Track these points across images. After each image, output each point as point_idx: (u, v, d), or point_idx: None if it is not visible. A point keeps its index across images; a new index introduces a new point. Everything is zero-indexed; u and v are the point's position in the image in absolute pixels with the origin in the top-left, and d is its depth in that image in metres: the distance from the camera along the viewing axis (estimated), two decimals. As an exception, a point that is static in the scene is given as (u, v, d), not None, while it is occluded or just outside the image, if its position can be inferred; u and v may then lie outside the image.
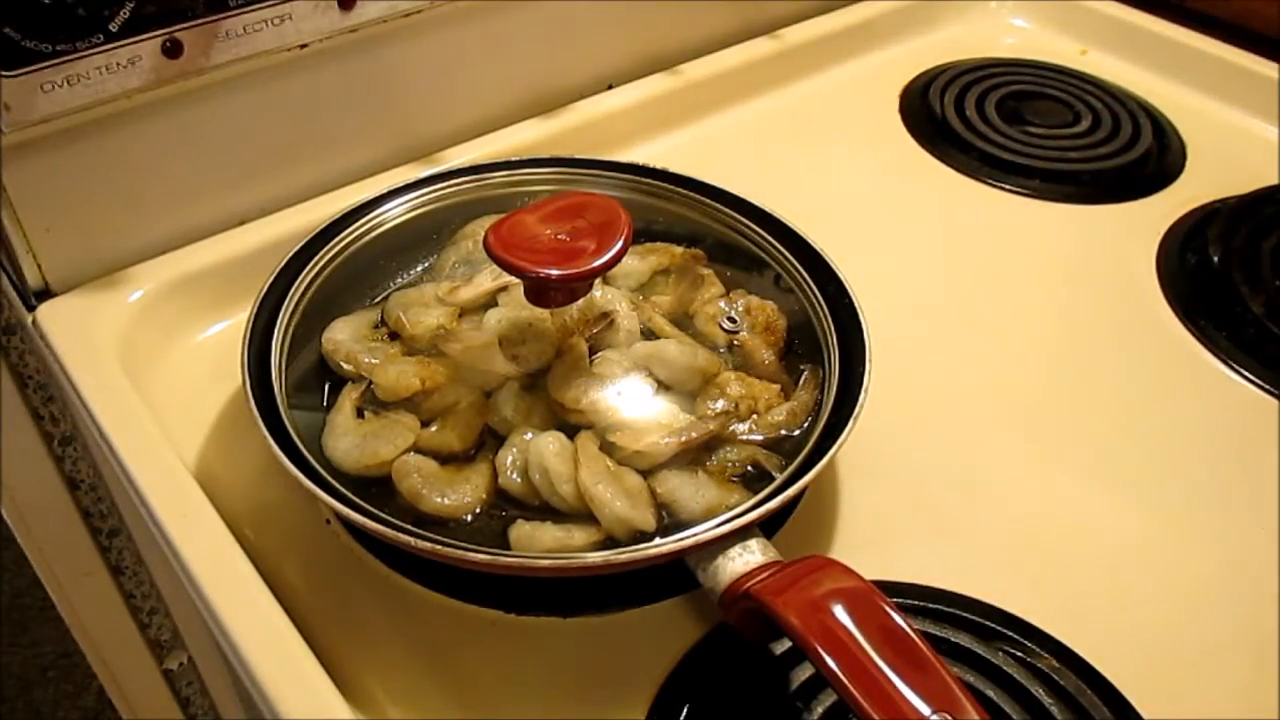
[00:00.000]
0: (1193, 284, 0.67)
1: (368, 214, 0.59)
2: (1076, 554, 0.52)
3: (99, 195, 0.59)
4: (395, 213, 0.60)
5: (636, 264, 0.59)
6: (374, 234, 0.59)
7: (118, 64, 0.53)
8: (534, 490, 0.50)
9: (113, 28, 0.52)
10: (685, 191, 0.61)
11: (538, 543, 0.47)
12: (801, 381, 0.54)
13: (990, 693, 0.44)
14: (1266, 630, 0.49)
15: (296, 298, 0.55)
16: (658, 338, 0.56)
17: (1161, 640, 0.49)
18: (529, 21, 0.71)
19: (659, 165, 0.62)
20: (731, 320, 0.58)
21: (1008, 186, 0.75)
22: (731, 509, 0.46)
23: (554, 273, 0.48)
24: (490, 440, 0.52)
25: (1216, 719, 0.46)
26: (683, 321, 0.58)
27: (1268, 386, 0.60)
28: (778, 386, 0.54)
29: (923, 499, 0.54)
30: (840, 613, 0.39)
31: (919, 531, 0.53)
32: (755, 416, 0.52)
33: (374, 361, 0.54)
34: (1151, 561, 0.52)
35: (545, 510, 0.49)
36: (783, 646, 0.46)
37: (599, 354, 0.54)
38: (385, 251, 0.60)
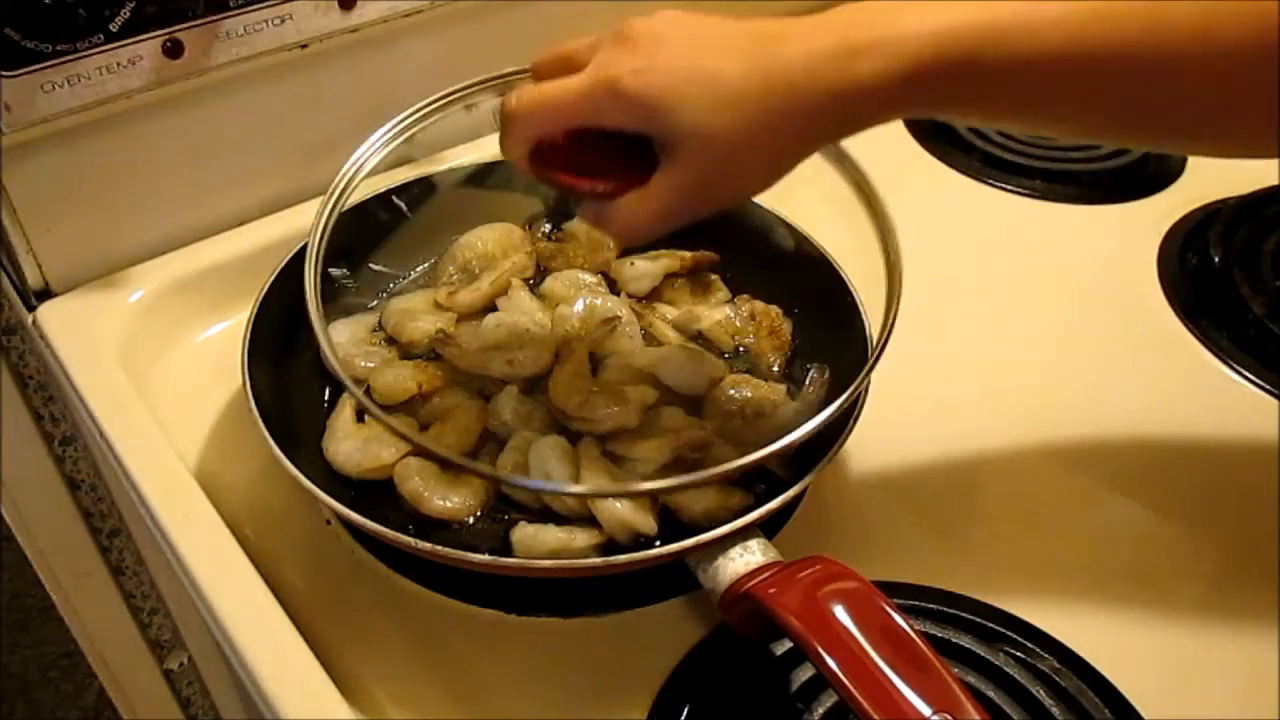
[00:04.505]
0: (1193, 284, 0.67)
1: (367, 214, 0.59)
2: (1077, 554, 0.52)
3: (99, 195, 0.59)
4: (394, 213, 0.60)
5: (648, 266, 0.59)
6: (373, 235, 0.59)
7: (118, 64, 0.53)
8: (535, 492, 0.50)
9: (113, 28, 0.52)
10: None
11: (540, 544, 0.47)
12: (806, 382, 0.54)
13: (990, 693, 0.44)
14: (1266, 630, 0.49)
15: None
16: (661, 343, 0.56)
17: (1162, 640, 0.49)
18: (529, 22, 0.71)
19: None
20: (737, 325, 0.58)
21: (1009, 187, 0.75)
22: (732, 510, 0.46)
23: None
24: (490, 443, 0.52)
25: (1216, 719, 0.46)
26: (688, 326, 0.58)
27: (1268, 386, 0.60)
28: (783, 388, 0.54)
29: (923, 499, 0.54)
30: (840, 613, 0.39)
31: (919, 531, 0.53)
32: (757, 417, 0.52)
33: (370, 365, 0.54)
34: (1152, 562, 0.52)
35: (546, 513, 0.49)
36: (783, 646, 0.46)
37: (602, 360, 0.54)
38: (385, 252, 0.60)
